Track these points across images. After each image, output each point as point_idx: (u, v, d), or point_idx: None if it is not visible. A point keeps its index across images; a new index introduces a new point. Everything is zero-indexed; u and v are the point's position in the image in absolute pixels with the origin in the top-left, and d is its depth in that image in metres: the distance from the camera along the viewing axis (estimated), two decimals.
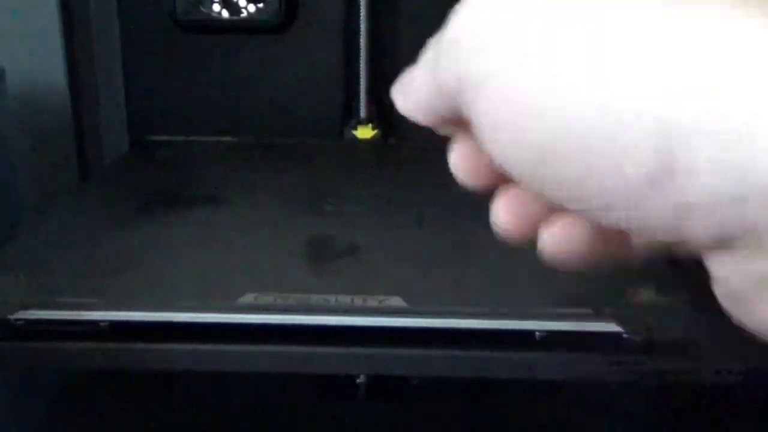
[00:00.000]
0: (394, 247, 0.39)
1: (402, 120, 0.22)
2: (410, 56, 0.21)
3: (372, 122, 0.63)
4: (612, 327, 0.31)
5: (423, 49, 0.20)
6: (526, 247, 0.20)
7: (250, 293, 0.32)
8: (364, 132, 0.63)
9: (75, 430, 0.44)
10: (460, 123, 0.19)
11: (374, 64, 0.62)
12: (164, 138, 0.60)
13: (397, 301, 0.31)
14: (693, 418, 0.43)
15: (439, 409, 0.44)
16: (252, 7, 0.60)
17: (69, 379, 0.47)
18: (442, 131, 0.21)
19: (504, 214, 0.20)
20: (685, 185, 0.14)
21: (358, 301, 0.32)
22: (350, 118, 0.64)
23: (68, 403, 0.46)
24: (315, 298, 0.32)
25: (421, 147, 0.62)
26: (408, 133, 0.63)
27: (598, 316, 0.31)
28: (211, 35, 0.62)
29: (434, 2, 0.58)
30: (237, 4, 0.60)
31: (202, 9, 0.60)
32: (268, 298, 0.32)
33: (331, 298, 0.32)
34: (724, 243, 0.15)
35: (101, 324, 0.31)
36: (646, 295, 0.32)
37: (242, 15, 0.60)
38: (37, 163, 0.56)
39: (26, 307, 0.31)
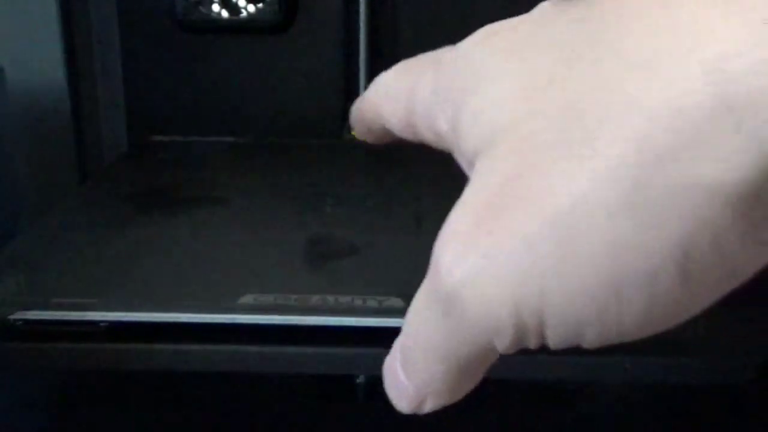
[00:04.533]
0: (394, 247, 0.39)
1: None
2: (410, 56, 0.21)
3: None
4: None
5: (422, 49, 0.20)
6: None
7: (250, 293, 0.32)
8: None
9: (75, 430, 0.44)
10: None
11: (374, 64, 0.62)
12: (164, 138, 0.60)
13: (397, 302, 0.31)
14: (693, 418, 0.43)
15: (439, 409, 0.44)
16: (252, 7, 0.60)
17: (69, 379, 0.47)
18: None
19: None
20: None
21: (358, 301, 0.32)
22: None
23: (68, 403, 0.45)
24: (315, 298, 0.32)
25: (420, 147, 0.62)
26: None
27: None
28: (210, 35, 0.62)
29: (434, 2, 0.59)
30: (237, 4, 0.60)
31: (201, 9, 0.60)
32: (268, 298, 0.32)
33: (331, 298, 0.32)
34: None
35: (101, 324, 0.31)
36: None
37: (242, 15, 0.60)
38: (37, 163, 0.56)
39: (26, 307, 0.31)
